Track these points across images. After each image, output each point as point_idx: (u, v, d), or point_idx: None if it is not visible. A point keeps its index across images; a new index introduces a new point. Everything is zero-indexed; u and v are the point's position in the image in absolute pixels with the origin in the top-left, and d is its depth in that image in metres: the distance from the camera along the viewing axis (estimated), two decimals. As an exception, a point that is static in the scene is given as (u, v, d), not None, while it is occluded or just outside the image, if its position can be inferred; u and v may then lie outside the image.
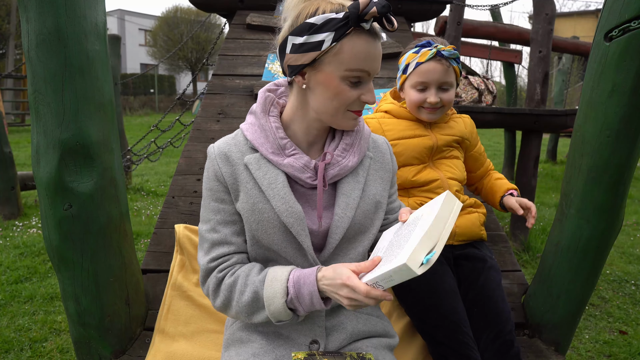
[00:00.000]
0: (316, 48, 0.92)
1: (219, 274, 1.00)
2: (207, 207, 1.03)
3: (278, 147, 1.01)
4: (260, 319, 0.98)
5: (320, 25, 0.91)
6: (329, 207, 1.04)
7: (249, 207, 0.99)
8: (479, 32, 5.79)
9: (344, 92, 0.95)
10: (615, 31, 1.27)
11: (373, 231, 1.09)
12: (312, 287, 0.91)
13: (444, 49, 1.43)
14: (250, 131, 1.03)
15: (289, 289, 0.93)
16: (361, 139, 1.08)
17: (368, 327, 1.09)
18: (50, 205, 1.30)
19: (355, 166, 1.05)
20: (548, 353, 1.56)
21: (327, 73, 0.94)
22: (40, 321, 2.40)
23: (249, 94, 2.49)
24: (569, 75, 9.78)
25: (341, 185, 1.04)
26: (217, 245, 1.01)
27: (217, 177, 1.01)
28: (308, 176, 1.01)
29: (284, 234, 0.99)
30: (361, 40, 0.91)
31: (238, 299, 0.97)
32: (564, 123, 3.52)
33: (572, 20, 21.09)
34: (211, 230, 1.02)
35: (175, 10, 24.18)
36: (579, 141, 1.44)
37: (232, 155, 1.02)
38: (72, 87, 1.26)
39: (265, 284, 0.95)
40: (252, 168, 1.00)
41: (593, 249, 1.47)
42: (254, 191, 0.99)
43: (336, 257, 1.04)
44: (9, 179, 4.17)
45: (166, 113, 5.51)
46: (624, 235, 4.28)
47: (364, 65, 0.93)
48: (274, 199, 0.98)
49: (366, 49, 0.92)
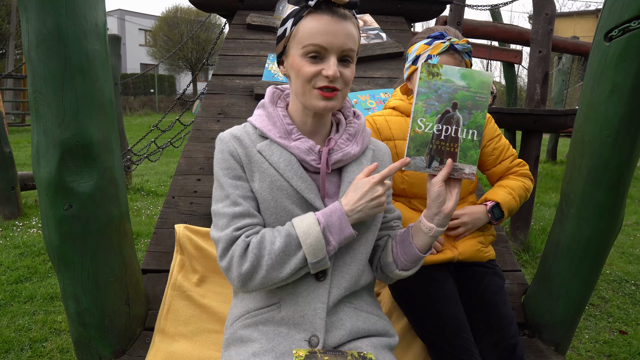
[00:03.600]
0: (283, 36, 1.05)
1: (246, 239, 0.99)
2: (224, 184, 1.04)
3: (285, 132, 1.07)
4: (293, 266, 0.98)
5: (286, 17, 1.05)
6: (333, 195, 1.09)
7: (267, 186, 1.04)
8: (479, 32, 5.80)
9: (303, 68, 1.01)
10: (615, 31, 1.27)
11: (373, 226, 1.11)
12: (339, 212, 1.00)
13: (457, 42, 1.36)
14: (258, 120, 1.10)
15: (319, 219, 1.00)
16: (363, 131, 1.15)
17: (367, 325, 1.09)
18: (50, 205, 1.30)
19: (358, 154, 1.11)
20: (548, 353, 1.56)
21: (292, 55, 1.04)
22: (40, 321, 2.40)
23: (249, 94, 2.49)
24: (569, 75, 9.79)
25: (346, 173, 1.10)
26: (239, 217, 1.02)
27: (232, 156, 1.06)
28: (312, 159, 1.06)
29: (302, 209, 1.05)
30: (315, 20, 1.00)
31: (270, 250, 0.98)
32: (564, 123, 3.52)
33: (572, 20, 21.10)
34: (232, 204, 1.02)
35: (175, 10, 24.19)
36: (579, 141, 1.44)
37: (244, 140, 1.08)
38: (72, 87, 1.26)
39: (295, 223, 1.00)
40: (266, 154, 1.05)
41: (593, 249, 1.47)
42: (271, 171, 1.05)
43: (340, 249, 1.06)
44: (9, 179, 4.17)
45: (166, 113, 5.51)
46: (624, 235, 4.28)
47: (319, 40, 0.99)
48: (293, 179, 1.04)
49: (321, 26, 0.99)
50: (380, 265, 1.18)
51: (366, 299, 1.14)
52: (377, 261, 1.19)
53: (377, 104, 2.40)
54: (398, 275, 1.15)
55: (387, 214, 1.20)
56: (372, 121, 1.48)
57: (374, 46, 2.73)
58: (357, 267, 1.08)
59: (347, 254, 1.08)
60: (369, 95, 2.43)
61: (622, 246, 3.96)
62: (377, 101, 2.42)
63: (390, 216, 1.21)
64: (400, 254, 1.12)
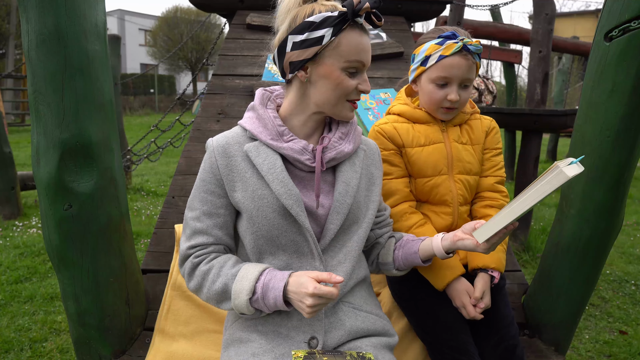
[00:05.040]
0: (317, 43, 1.01)
1: (194, 260, 1.06)
2: (197, 196, 1.09)
3: (277, 134, 1.07)
4: (226, 308, 1.05)
5: (319, 23, 1.00)
6: (327, 193, 1.09)
7: (249, 195, 1.04)
8: (479, 32, 5.80)
9: (344, 82, 1.04)
10: (615, 31, 1.27)
11: (365, 223, 1.13)
12: (277, 292, 0.98)
13: (470, 43, 1.30)
14: (248, 122, 1.10)
15: (256, 288, 0.99)
16: (355, 130, 1.16)
17: (367, 325, 1.10)
18: (50, 205, 1.30)
19: (351, 153, 1.12)
20: (548, 353, 1.56)
21: (329, 65, 1.03)
22: (40, 321, 2.40)
23: (249, 94, 2.49)
24: (569, 75, 9.79)
25: (340, 173, 1.10)
26: (197, 234, 1.07)
27: (212, 169, 1.07)
28: (306, 158, 1.06)
29: (284, 217, 1.04)
30: (355, 34, 1.02)
31: (209, 287, 1.04)
32: (564, 123, 3.52)
33: (572, 20, 21.10)
34: (195, 219, 1.08)
35: (175, 10, 24.18)
36: (579, 141, 1.43)
37: (230, 148, 1.07)
38: (72, 87, 1.26)
39: (236, 278, 1.01)
40: (252, 155, 1.05)
41: (593, 249, 1.47)
42: (253, 179, 1.05)
43: (334, 248, 1.09)
44: (9, 179, 4.17)
45: (166, 113, 5.51)
46: (624, 235, 4.28)
47: (360, 57, 1.03)
48: (273, 183, 1.03)
49: (360, 42, 1.03)
50: (377, 262, 1.26)
51: (365, 297, 1.15)
52: (375, 257, 1.26)
53: (377, 104, 2.40)
54: (392, 273, 1.24)
55: (382, 211, 1.25)
56: (381, 131, 1.40)
57: (374, 46, 2.73)
58: (351, 263, 1.10)
59: (340, 252, 1.09)
60: (369, 95, 2.43)
61: (622, 246, 3.96)
62: (377, 101, 2.42)
63: (386, 213, 1.27)
64: (401, 258, 1.20)
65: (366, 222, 1.13)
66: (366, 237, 1.15)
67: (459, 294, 1.29)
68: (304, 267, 1.05)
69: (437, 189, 1.38)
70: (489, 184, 1.45)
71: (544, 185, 0.93)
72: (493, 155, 1.46)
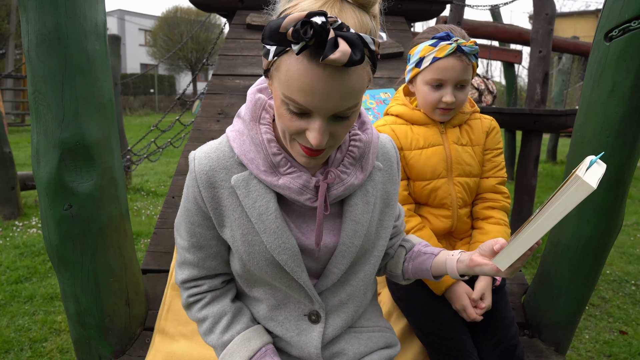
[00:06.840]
0: (266, 56, 0.75)
1: (189, 299, 0.98)
2: (183, 225, 0.94)
3: (271, 165, 0.84)
4: None
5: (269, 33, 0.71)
6: (331, 230, 0.91)
7: (239, 237, 0.88)
8: (479, 32, 5.80)
9: (283, 119, 0.76)
10: (615, 31, 1.27)
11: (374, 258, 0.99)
12: None
13: (465, 44, 1.26)
14: (237, 142, 0.86)
15: None
16: (370, 151, 0.91)
17: (370, 346, 1.02)
18: (50, 205, 1.30)
19: (362, 182, 0.90)
20: (548, 353, 1.56)
21: (274, 86, 0.77)
22: (40, 321, 2.40)
23: (249, 94, 2.49)
24: (569, 75, 9.79)
25: (349, 208, 0.90)
26: (189, 266, 0.96)
27: (196, 201, 0.88)
28: (307, 198, 0.86)
29: (278, 269, 0.88)
30: (299, 65, 0.69)
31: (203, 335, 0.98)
32: (564, 123, 3.52)
33: (572, 20, 21.10)
34: (185, 249, 0.95)
35: (175, 10, 24.19)
36: (579, 141, 1.44)
37: (215, 176, 0.86)
38: (72, 87, 1.26)
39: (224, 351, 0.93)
40: (241, 194, 0.85)
41: (593, 249, 1.47)
42: (243, 220, 0.86)
43: (335, 286, 0.95)
44: (9, 179, 4.16)
45: (166, 113, 5.52)
46: (624, 235, 4.28)
47: (299, 97, 0.71)
48: (265, 234, 0.85)
49: (303, 78, 0.69)
50: (385, 271, 1.15)
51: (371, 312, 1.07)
52: (383, 266, 1.15)
53: (377, 104, 2.40)
54: (400, 281, 1.14)
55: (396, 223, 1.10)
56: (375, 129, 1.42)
57: (374, 46, 2.73)
58: (354, 305, 0.98)
59: (343, 292, 0.95)
60: (369, 95, 2.43)
61: (622, 246, 3.96)
62: (377, 101, 2.42)
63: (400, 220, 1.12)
64: (411, 272, 1.08)
65: (375, 256, 0.98)
66: (376, 269, 1.00)
67: (459, 297, 1.29)
68: (300, 303, 0.96)
69: (436, 192, 1.37)
70: (490, 185, 1.44)
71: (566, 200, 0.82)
72: (494, 156, 1.45)
